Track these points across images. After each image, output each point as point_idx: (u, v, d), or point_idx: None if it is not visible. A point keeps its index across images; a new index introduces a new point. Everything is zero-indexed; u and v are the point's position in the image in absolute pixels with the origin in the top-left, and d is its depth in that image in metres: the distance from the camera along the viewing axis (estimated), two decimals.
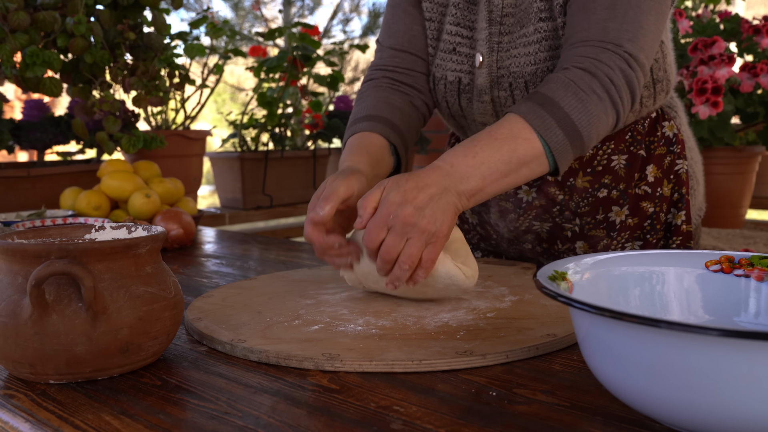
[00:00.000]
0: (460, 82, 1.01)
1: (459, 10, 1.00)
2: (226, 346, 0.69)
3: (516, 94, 0.95)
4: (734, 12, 2.62)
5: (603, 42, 0.82)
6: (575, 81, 0.80)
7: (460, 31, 1.00)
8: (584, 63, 0.81)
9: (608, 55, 0.82)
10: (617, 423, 0.51)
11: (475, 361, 0.62)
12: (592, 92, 0.80)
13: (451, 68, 1.01)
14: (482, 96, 0.99)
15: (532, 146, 0.78)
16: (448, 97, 1.03)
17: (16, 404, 0.57)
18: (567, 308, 0.78)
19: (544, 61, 0.92)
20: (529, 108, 0.79)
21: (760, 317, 0.60)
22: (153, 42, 1.83)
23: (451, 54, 1.01)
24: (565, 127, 0.78)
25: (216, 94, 5.36)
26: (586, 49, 0.83)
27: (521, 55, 0.94)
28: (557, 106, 0.79)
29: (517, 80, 0.95)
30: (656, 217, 1.04)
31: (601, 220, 1.04)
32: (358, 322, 0.75)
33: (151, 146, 1.78)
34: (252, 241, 1.43)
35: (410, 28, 1.04)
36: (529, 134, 0.78)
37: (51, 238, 0.70)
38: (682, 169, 1.04)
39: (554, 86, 0.80)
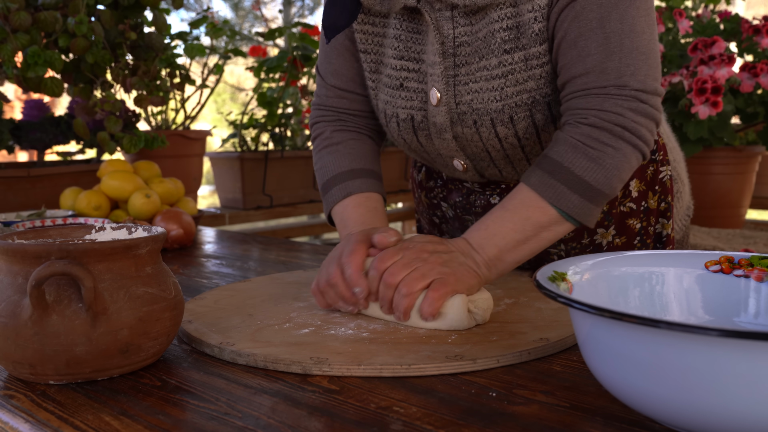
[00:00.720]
0: (413, 120, 0.92)
1: (401, 42, 0.90)
2: (215, 349, 0.68)
3: (482, 131, 0.88)
4: (734, 12, 2.62)
5: (605, 88, 0.78)
6: (583, 141, 0.78)
7: (406, 64, 0.90)
8: (589, 117, 0.78)
9: (613, 102, 0.78)
10: (617, 423, 0.51)
11: (465, 366, 0.62)
12: (604, 146, 0.77)
13: (401, 105, 0.92)
14: (442, 134, 0.91)
15: (546, 213, 0.78)
16: (404, 134, 0.94)
17: (16, 404, 0.57)
18: (561, 312, 0.78)
19: (512, 96, 0.85)
20: (538, 179, 0.78)
21: (760, 317, 0.60)
22: (154, 42, 1.83)
23: (399, 90, 0.91)
24: (581, 190, 0.77)
25: (216, 94, 5.36)
26: (589, 100, 0.79)
27: (483, 90, 0.86)
28: (568, 171, 0.77)
29: (482, 117, 0.87)
30: (645, 231, 1.01)
31: (587, 243, 1.00)
32: (349, 326, 0.74)
33: (153, 146, 1.78)
34: (252, 242, 1.43)
35: (351, 65, 0.97)
36: (541, 203, 0.77)
37: (51, 239, 0.70)
38: (666, 176, 1.00)
39: (562, 149, 0.78)
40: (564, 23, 0.80)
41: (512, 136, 0.88)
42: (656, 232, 1.01)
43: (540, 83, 0.84)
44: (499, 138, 0.88)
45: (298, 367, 0.63)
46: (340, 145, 0.97)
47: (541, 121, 0.87)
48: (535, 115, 0.86)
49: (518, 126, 0.87)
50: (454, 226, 1.12)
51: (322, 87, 1.01)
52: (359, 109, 0.99)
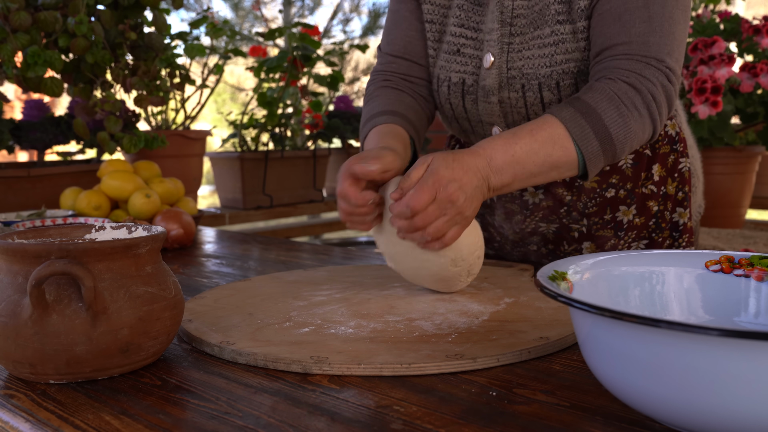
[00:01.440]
0: (464, 83, 1.00)
1: (463, 12, 1.00)
2: (215, 348, 0.68)
3: (528, 96, 0.95)
4: (734, 12, 2.62)
5: (646, 57, 0.84)
6: (619, 95, 0.82)
7: (464, 32, 0.99)
8: (630, 78, 0.83)
9: (652, 71, 0.84)
10: (617, 423, 0.51)
11: (465, 365, 0.62)
12: (634, 108, 0.82)
13: (455, 69, 1.00)
14: (489, 97, 0.98)
15: (567, 154, 0.81)
16: (452, 98, 1.02)
17: (16, 404, 0.57)
18: (561, 311, 0.78)
19: (560, 63, 0.92)
20: (570, 115, 0.81)
21: (760, 317, 0.60)
22: (154, 42, 1.83)
23: (455, 55, 1.00)
24: (602, 139, 0.81)
25: (216, 94, 5.36)
26: (631, 63, 0.84)
27: (535, 57, 0.93)
28: (598, 117, 0.81)
29: (531, 82, 0.94)
30: (661, 215, 1.04)
31: (608, 219, 1.04)
32: (349, 325, 0.74)
33: (153, 146, 1.78)
34: (252, 241, 1.43)
35: (406, 33, 1.05)
36: (567, 142, 0.81)
37: (51, 238, 0.70)
38: (685, 167, 1.05)
39: (598, 96, 0.82)
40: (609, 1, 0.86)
41: (556, 101, 0.94)
42: (673, 220, 1.05)
43: (584, 55, 0.91)
44: (543, 103, 0.95)
45: (299, 366, 0.63)
46: (379, 97, 1.03)
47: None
48: (579, 83, 0.93)
49: (563, 92, 0.93)
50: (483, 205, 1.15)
51: (378, 57, 1.10)
52: (406, 74, 1.07)
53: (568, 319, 0.75)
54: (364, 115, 1.02)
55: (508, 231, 1.13)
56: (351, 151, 2.78)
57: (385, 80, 1.07)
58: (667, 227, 1.05)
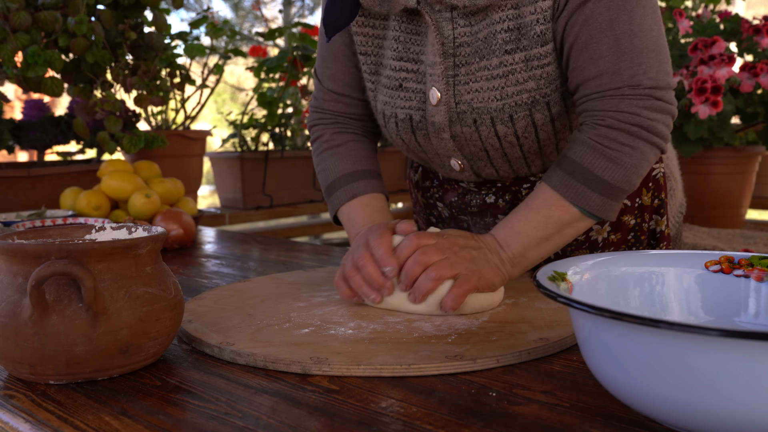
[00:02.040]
0: (411, 120, 0.93)
1: (400, 44, 0.92)
2: (215, 349, 0.68)
3: (482, 130, 0.89)
4: (734, 12, 2.62)
5: (620, 89, 0.80)
6: (600, 142, 0.80)
7: (405, 65, 0.92)
8: (606, 119, 0.80)
9: (628, 103, 0.80)
10: (617, 423, 0.51)
11: (465, 366, 0.62)
12: (622, 146, 0.80)
13: (400, 105, 0.93)
14: (440, 134, 0.92)
15: (567, 212, 0.81)
16: (402, 135, 0.96)
17: (16, 404, 0.57)
18: (561, 312, 0.78)
19: (512, 96, 0.86)
20: (559, 179, 0.81)
21: (760, 317, 0.60)
22: (154, 42, 1.83)
23: (398, 91, 0.93)
24: (601, 189, 0.80)
25: (216, 94, 5.36)
26: (605, 102, 0.81)
27: (484, 90, 0.87)
28: (587, 171, 0.80)
29: (482, 116, 0.88)
30: (639, 228, 1.01)
31: (582, 240, 1.01)
32: (349, 325, 0.74)
33: (153, 146, 1.78)
34: (252, 242, 1.43)
35: (348, 70, 1.00)
36: (563, 203, 0.81)
37: (51, 239, 0.70)
38: (659, 173, 1.01)
39: (581, 150, 0.81)
40: (574, 27, 0.82)
41: (511, 134, 0.89)
42: (650, 228, 1.02)
43: (540, 83, 0.86)
44: (498, 137, 0.90)
45: (298, 367, 0.63)
46: (341, 147, 1.00)
47: (540, 120, 0.88)
48: (535, 114, 0.87)
49: (518, 125, 0.88)
50: (449, 226, 1.12)
51: (319, 90, 1.03)
52: (355, 113, 1.03)
53: (567, 319, 0.75)
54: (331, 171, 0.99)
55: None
56: None
57: (336, 123, 1.02)
58: (645, 238, 1.02)
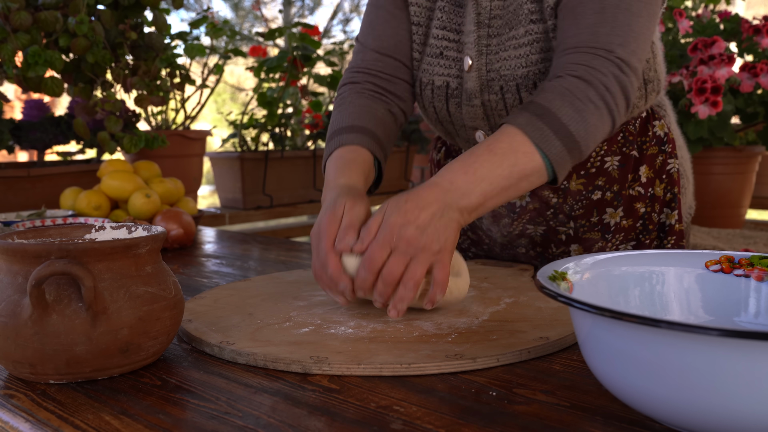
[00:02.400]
0: (448, 87, 0.98)
1: (445, 14, 0.97)
2: (215, 348, 0.68)
3: (507, 98, 0.93)
4: (734, 12, 2.62)
5: (594, 48, 0.81)
6: (571, 90, 0.79)
7: (447, 34, 0.97)
8: (578, 71, 0.80)
9: (600, 62, 0.80)
10: (617, 423, 0.51)
11: (465, 365, 0.62)
12: (589, 101, 0.79)
13: (439, 72, 0.98)
14: (472, 100, 0.96)
15: (532, 159, 0.77)
16: (435, 102, 1.00)
17: (16, 404, 0.57)
18: (561, 311, 0.78)
19: (536, 63, 0.90)
20: (526, 119, 0.77)
21: (760, 317, 0.60)
22: (154, 42, 1.83)
23: (438, 58, 0.98)
24: (564, 138, 0.77)
25: (216, 94, 5.36)
26: (578, 56, 0.81)
27: (511, 58, 0.92)
28: (554, 116, 0.77)
29: (508, 83, 0.92)
30: (648, 217, 1.03)
31: (595, 222, 1.03)
32: (349, 325, 0.74)
33: (153, 146, 1.78)
34: (252, 241, 1.43)
35: (396, 32, 1.01)
36: (528, 147, 0.77)
37: (51, 238, 0.70)
38: (674, 169, 1.03)
39: (550, 96, 0.79)
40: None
41: None
42: (660, 221, 1.04)
43: None
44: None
45: (298, 367, 0.63)
46: (351, 105, 0.98)
47: None
48: None
49: None
50: None
51: (359, 53, 1.03)
52: (391, 74, 1.02)
53: (568, 319, 0.75)
54: (332, 125, 0.97)
55: (496, 234, 1.11)
56: None
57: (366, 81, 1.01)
58: (654, 229, 1.04)
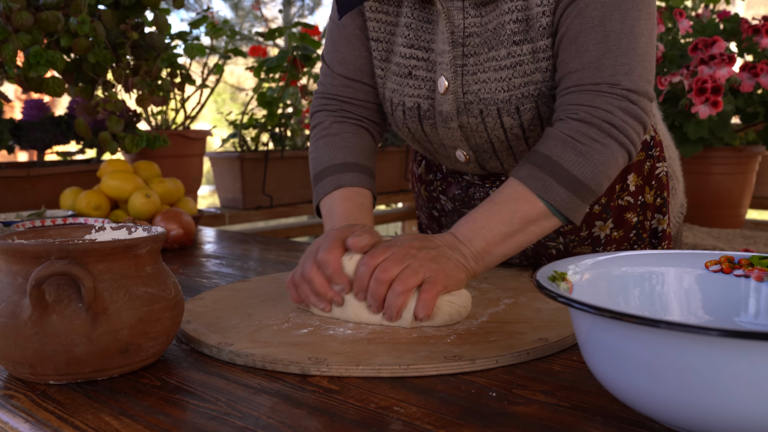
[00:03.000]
0: (419, 108, 0.93)
1: (412, 31, 0.92)
2: (213, 349, 0.68)
3: (488, 121, 0.89)
4: (734, 12, 2.62)
5: (598, 84, 0.80)
6: (572, 135, 0.79)
7: (415, 53, 0.92)
8: (579, 113, 0.80)
9: (604, 99, 0.80)
10: (617, 423, 0.51)
11: (463, 366, 0.62)
12: (593, 141, 0.79)
13: (409, 93, 0.93)
14: (448, 123, 0.92)
15: (534, 207, 0.78)
16: (408, 123, 0.95)
17: (16, 404, 0.57)
18: (560, 312, 0.78)
19: (519, 87, 0.86)
20: (527, 172, 0.79)
21: (760, 317, 0.60)
22: (155, 42, 1.83)
23: (407, 78, 0.93)
24: (569, 184, 0.78)
25: (216, 94, 5.36)
26: (581, 96, 0.80)
27: (492, 81, 0.87)
28: (556, 165, 0.78)
29: (489, 107, 0.88)
30: (641, 225, 1.01)
31: (585, 236, 1.01)
32: (348, 326, 0.74)
33: (155, 146, 1.78)
34: (252, 241, 1.43)
35: (360, 54, 0.97)
36: (529, 196, 0.78)
37: (51, 239, 0.70)
38: (663, 173, 1.01)
39: (552, 144, 0.79)
40: (567, 19, 0.82)
41: (517, 126, 0.89)
42: (652, 227, 1.02)
43: (546, 76, 0.86)
44: (504, 128, 0.89)
45: (297, 368, 0.63)
46: (337, 137, 0.97)
47: (546, 113, 0.88)
48: (541, 107, 0.87)
49: (524, 117, 0.88)
50: (452, 219, 1.11)
51: (327, 76, 1.01)
52: (363, 99, 1.00)
53: (567, 320, 0.75)
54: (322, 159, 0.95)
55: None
56: None
57: (340, 109, 1.00)
58: (647, 236, 1.02)
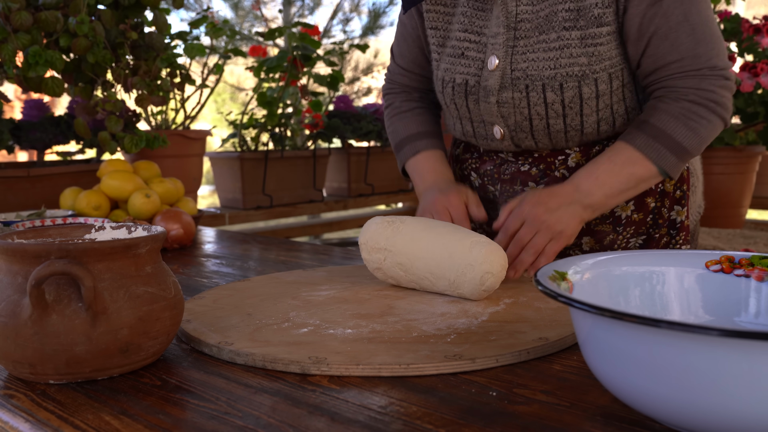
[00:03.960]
0: (467, 84, 1.06)
1: (467, 18, 1.05)
2: (213, 348, 0.68)
3: (531, 96, 1.00)
4: (734, 12, 2.62)
5: (700, 70, 0.94)
6: (684, 113, 0.94)
7: (469, 36, 1.05)
8: (689, 95, 0.94)
9: (708, 82, 0.94)
10: (617, 423, 0.51)
11: (463, 365, 0.62)
12: (701, 118, 0.94)
13: (459, 71, 1.06)
14: (489, 98, 1.03)
15: (648, 169, 0.95)
16: (456, 99, 1.08)
17: (16, 404, 0.57)
18: (561, 312, 0.78)
19: (565, 66, 0.97)
20: (644, 141, 0.94)
21: (760, 317, 0.60)
22: (154, 42, 1.83)
23: (460, 58, 1.06)
24: (678, 152, 0.94)
25: (216, 94, 5.36)
26: (687, 80, 0.94)
27: (539, 60, 0.98)
28: (669, 137, 0.93)
29: (534, 83, 0.99)
30: (658, 212, 1.07)
31: (607, 215, 1.07)
32: (348, 325, 0.74)
33: (154, 146, 1.78)
34: (252, 241, 1.43)
35: (414, 50, 1.17)
36: (645, 162, 0.94)
37: (51, 238, 0.70)
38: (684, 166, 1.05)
39: (665, 118, 0.94)
40: (654, 20, 0.94)
41: (558, 103, 1.00)
42: (671, 218, 1.08)
43: (591, 60, 0.97)
44: (546, 104, 1.00)
45: (297, 367, 0.63)
46: (408, 113, 1.20)
47: (586, 94, 0.99)
48: (583, 87, 0.98)
49: (566, 94, 0.99)
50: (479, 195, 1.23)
51: (393, 64, 1.23)
52: (418, 87, 1.22)
53: (567, 319, 0.75)
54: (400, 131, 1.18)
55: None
56: (351, 150, 2.78)
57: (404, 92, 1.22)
58: (664, 224, 1.07)
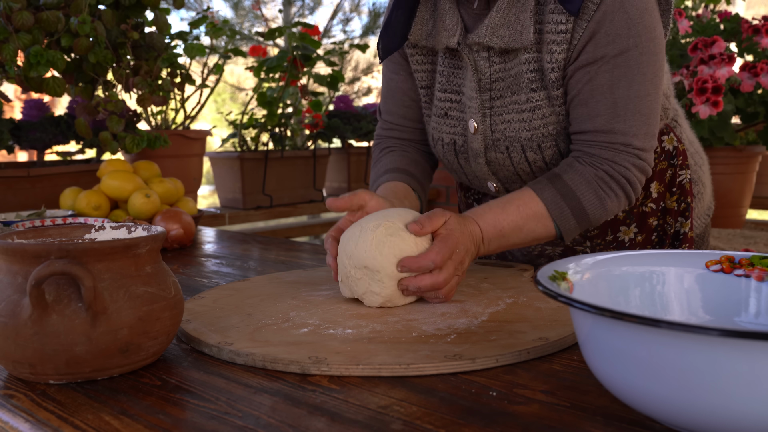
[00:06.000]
0: (455, 144, 1.06)
1: (444, 77, 1.04)
2: (213, 348, 0.68)
3: (513, 156, 1.00)
4: (734, 12, 2.62)
5: (614, 144, 0.92)
6: (596, 181, 0.92)
7: (449, 96, 1.04)
8: (604, 165, 0.92)
9: (622, 157, 0.92)
10: (617, 423, 0.51)
11: (463, 365, 0.62)
12: (611, 191, 0.93)
13: (446, 131, 1.06)
14: (477, 158, 1.04)
15: (547, 230, 0.92)
16: (447, 156, 1.09)
17: (16, 404, 0.57)
18: (561, 312, 0.78)
19: (539, 128, 0.97)
20: (551, 196, 0.91)
21: (761, 317, 0.60)
22: (155, 42, 1.83)
23: (444, 118, 1.06)
24: (579, 217, 0.92)
25: (216, 94, 5.36)
26: (602, 151, 0.92)
27: (515, 121, 0.98)
28: (578, 200, 0.92)
29: (514, 144, 0.99)
30: (662, 229, 1.07)
31: (610, 240, 1.08)
32: (348, 325, 0.74)
33: (155, 146, 1.78)
34: (252, 241, 1.43)
35: (401, 104, 1.13)
36: (548, 221, 0.92)
37: (51, 238, 0.70)
38: (686, 179, 1.06)
39: (578, 180, 0.92)
40: (578, 84, 0.92)
41: (540, 161, 0.99)
42: (675, 230, 1.08)
43: (560, 119, 0.96)
44: (528, 162, 1.00)
45: (297, 367, 0.63)
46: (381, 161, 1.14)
47: (565, 149, 0.98)
48: (560, 144, 0.98)
49: (545, 152, 0.98)
50: None
51: (381, 122, 1.19)
52: (407, 138, 1.17)
53: (567, 319, 0.75)
54: (373, 177, 1.13)
55: (516, 252, 1.20)
56: (351, 150, 2.78)
57: (389, 146, 1.16)
58: (668, 239, 1.08)
